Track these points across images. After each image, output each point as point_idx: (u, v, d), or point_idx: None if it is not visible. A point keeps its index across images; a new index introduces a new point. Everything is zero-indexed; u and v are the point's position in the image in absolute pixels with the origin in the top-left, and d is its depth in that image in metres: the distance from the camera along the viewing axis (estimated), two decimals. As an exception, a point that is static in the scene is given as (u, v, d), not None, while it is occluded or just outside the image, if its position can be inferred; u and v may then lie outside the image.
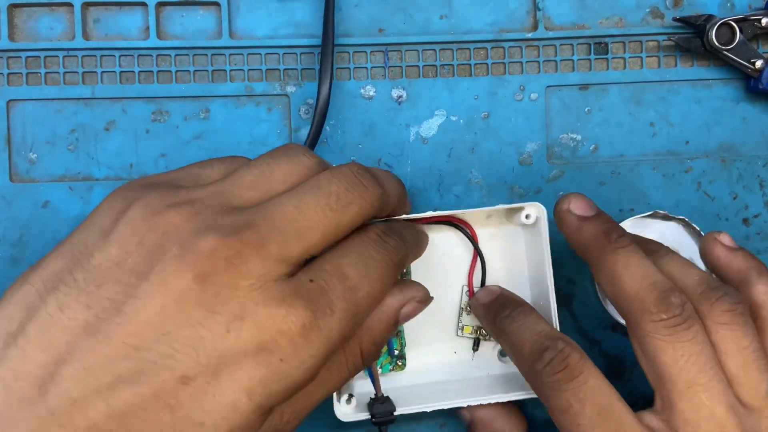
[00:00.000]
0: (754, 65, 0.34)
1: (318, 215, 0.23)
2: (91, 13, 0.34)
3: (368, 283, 0.24)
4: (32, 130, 0.34)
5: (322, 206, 0.23)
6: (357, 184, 0.25)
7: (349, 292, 0.23)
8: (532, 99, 0.35)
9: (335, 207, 0.24)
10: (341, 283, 0.23)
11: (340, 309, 0.23)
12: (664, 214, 0.34)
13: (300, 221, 0.23)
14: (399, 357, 0.32)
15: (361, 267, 0.24)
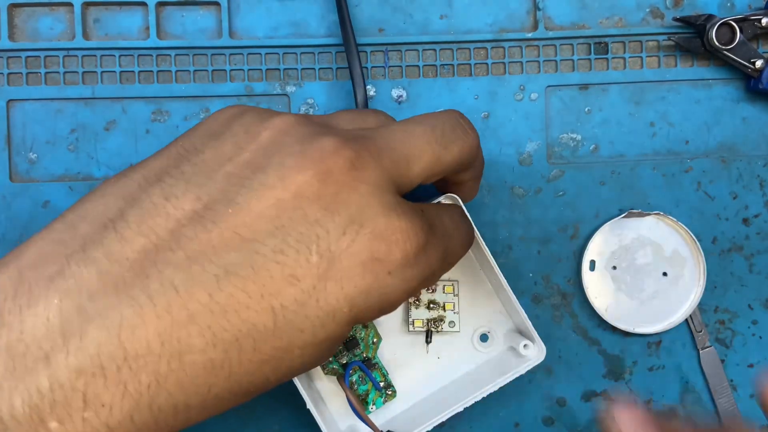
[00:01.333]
0: (754, 65, 0.34)
1: (423, 144, 0.23)
2: (91, 13, 0.34)
3: (458, 238, 0.25)
4: (32, 130, 0.34)
5: (427, 137, 0.23)
6: (459, 126, 0.25)
7: (446, 236, 0.24)
8: (532, 99, 0.35)
9: (440, 140, 0.24)
10: (442, 225, 0.24)
11: (442, 245, 0.23)
12: (638, 212, 0.34)
13: (408, 146, 0.23)
14: (387, 387, 0.32)
15: (454, 223, 0.25)
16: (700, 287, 0.34)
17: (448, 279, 0.32)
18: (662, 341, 0.35)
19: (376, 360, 0.32)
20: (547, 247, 0.35)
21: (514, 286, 0.35)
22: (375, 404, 0.32)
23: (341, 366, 0.31)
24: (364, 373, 0.32)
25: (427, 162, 0.23)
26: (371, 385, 0.32)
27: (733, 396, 0.35)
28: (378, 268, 0.21)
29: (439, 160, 0.24)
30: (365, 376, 0.32)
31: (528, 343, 0.31)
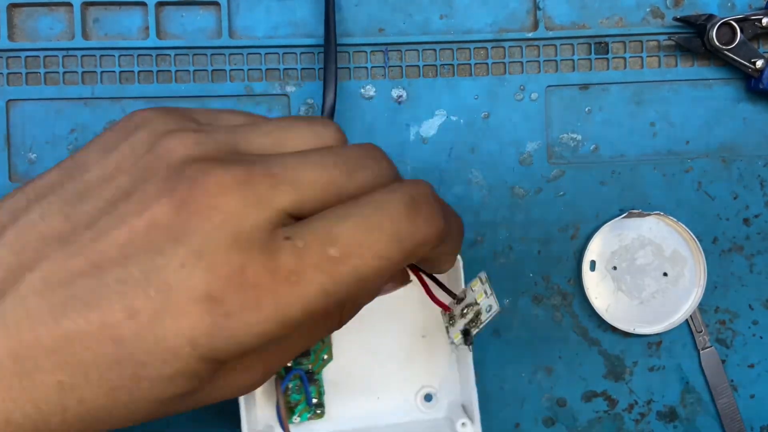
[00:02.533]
0: (754, 65, 0.34)
1: (319, 168, 0.21)
2: (90, 13, 0.34)
3: (360, 258, 0.20)
4: (32, 130, 0.34)
5: (327, 162, 0.21)
6: (371, 157, 0.22)
7: (330, 263, 0.20)
8: (533, 99, 0.35)
9: (342, 167, 0.21)
10: (322, 250, 0.20)
11: (310, 282, 0.20)
12: (638, 213, 0.34)
13: (298, 171, 0.21)
14: (318, 405, 0.32)
15: (358, 236, 0.20)
16: (700, 287, 0.34)
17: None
18: (662, 341, 0.35)
19: (319, 377, 0.32)
20: (547, 247, 0.35)
21: (514, 286, 0.35)
22: (300, 417, 0.31)
23: (285, 368, 0.31)
24: (302, 384, 0.31)
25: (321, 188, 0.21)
26: (304, 397, 0.31)
27: (734, 396, 0.35)
28: (214, 309, 0.19)
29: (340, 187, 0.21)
30: (302, 387, 0.31)
31: (467, 422, 0.30)
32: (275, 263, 0.19)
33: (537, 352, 0.35)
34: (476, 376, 0.31)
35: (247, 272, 0.19)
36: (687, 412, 0.35)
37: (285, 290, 0.19)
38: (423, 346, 0.33)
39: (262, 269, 0.19)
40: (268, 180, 0.20)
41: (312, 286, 0.20)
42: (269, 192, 0.20)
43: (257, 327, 0.19)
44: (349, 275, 0.20)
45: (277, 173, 0.20)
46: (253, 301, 0.19)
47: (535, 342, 0.35)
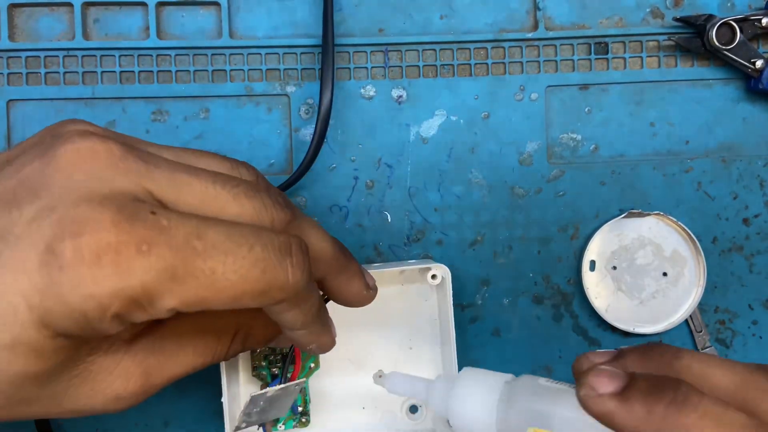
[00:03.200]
0: (754, 65, 0.34)
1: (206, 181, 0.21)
2: (91, 13, 0.34)
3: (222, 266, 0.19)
4: (32, 130, 0.34)
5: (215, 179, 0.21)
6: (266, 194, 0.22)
7: (189, 251, 0.19)
8: (533, 99, 0.35)
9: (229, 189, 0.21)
10: (186, 237, 0.19)
11: (160, 257, 0.19)
12: (638, 212, 0.34)
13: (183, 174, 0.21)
14: (303, 414, 0.32)
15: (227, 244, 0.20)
16: (700, 287, 0.34)
17: None
18: (662, 341, 0.35)
19: (305, 385, 0.32)
20: (547, 247, 0.35)
21: (514, 287, 0.35)
22: (285, 425, 0.31)
23: (270, 375, 0.31)
24: None
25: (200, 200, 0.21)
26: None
27: (733, 396, 0.35)
28: (50, 263, 0.18)
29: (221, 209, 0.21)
30: None
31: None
32: (130, 227, 0.18)
33: (537, 352, 0.35)
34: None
35: (94, 226, 0.18)
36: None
37: (131, 255, 0.18)
38: (410, 358, 0.33)
39: (111, 226, 0.18)
40: (147, 163, 0.20)
41: (162, 262, 0.19)
42: (143, 172, 0.20)
43: (93, 288, 0.18)
44: (203, 273, 0.19)
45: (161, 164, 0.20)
46: (92, 258, 0.18)
47: (535, 342, 0.35)
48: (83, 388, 0.22)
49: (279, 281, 0.20)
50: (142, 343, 0.23)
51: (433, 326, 0.32)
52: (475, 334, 0.35)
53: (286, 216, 0.22)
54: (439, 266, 0.31)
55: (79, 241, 0.18)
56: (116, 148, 0.20)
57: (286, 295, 0.21)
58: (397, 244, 0.34)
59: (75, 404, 0.22)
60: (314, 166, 0.34)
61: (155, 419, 0.34)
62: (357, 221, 0.34)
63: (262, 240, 0.20)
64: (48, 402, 0.21)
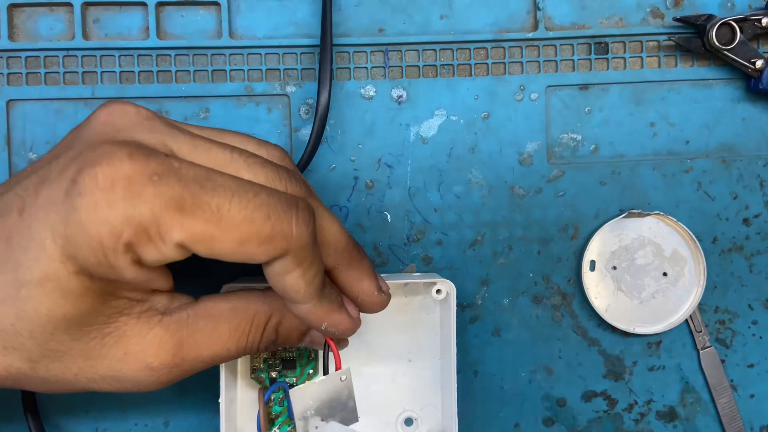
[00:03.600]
0: (754, 65, 0.34)
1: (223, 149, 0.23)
2: (90, 13, 0.34)
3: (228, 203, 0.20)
4: (32, 130, 0.34)
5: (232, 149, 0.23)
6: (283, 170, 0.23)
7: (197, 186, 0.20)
8: (533, 99, 0.35)
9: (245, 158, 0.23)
10: (195, 175, 0.20)
11: (169, 186, 0.20)
12: (638, 212, 0.34)
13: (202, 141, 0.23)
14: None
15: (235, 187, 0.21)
16: (700, 287, 0.34)
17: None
18: (662, 341, 0.35)
19: None
20: (547, 247, 0.35)
21: (514, 286, 0.35)
22: (280, 429, 0.31)
23: (269, 379, 0.31)
24: (285, 396, 0.31)
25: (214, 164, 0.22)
26: (286, 410, 0.31)
27: (733, 396, 0.35)
28: (72, 192, 0.20)
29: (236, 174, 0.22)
30: (285, 400, 0.31)
31: None
32: (144, 160, 0.20)
33: (537, 352, 0.35)
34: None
35: (110, 157, 0.20)
36: (687, 412, 0.35)
37: (142, 183, 0.20)
38: (408, 370, 0.33)
39: (127, 159, 0.20)
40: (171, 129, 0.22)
41: (170, 191, 0.20)
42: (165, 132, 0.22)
43: (106, 213, 0.19)
44: (209, 208, 0.20)
45: (183, 130, 0.23)
46: (106, 184, 0.19)
47: (535, 342, 0.35)
48: (116, 349, 0.23)
49: (283, 229, 0.21)
50: (175, 316, 0.24)
51: (434, 340, 0.32)
52: (475, 334, 0.35)
53: (299, 190, 0.23)
54: (444, 282, 0.31)
55: (96, 169, 0.20)
56: (145, 111, 0.23)
57: (289, 245, 0.21)
58: (397, 244, 0.34)
59: (108, 368, 0.23)
60: (314, 166, 0.34)
61: (155, 419, 0.34)
62: (357, 221, 0.34)
63: (268, 189, 0.21)
64: (81, 360, 0.22)
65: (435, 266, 0.35)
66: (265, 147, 0.25)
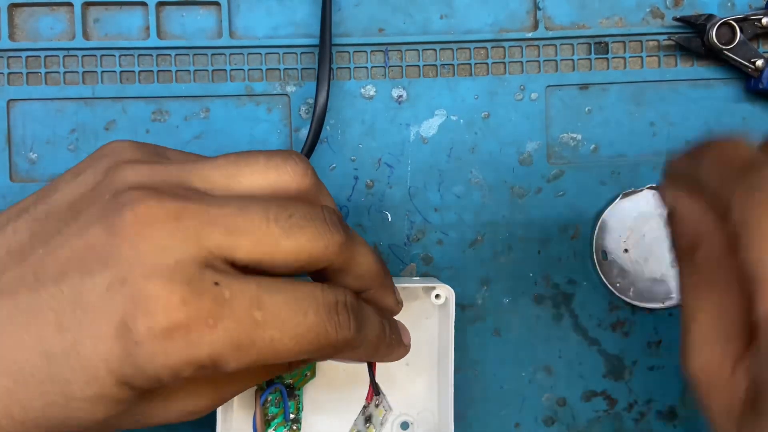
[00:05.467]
0: (754, 65, 0.34)
1: (258, 221, 0.21)
2: (91, 13, 0.34)
3: (279, 331, 0.21)
4: (32, 130, 0.34)
5: (267, 215, 0.22)
6: (319, 219, 0.22)
7: (251, 323, 0.21)
8: (533, 99, 0.35)
9: (282, 223, 0.22)
10: (248, 309, 0.21)
11: (226, 330, 0.20)
12: (631, 191, 0.34)
13: (235, 216, 0.21)
14: (295, 421, 0.32)
15: (284, 312, 0.21)
16: None
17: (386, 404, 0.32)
18: (662, 341, 0.35)
19: (299, 392, 0.32)
20: (547, 247, 0.35)
21: (514, 286, 0.35)
22: (275, 431, 0.31)
23: (267, 381, 0.31)
24: (281, 398, 0.31)
25: (256, 240, 0.21)
26: (282, 412, 0.31)
27: (734, 396, 0.35)
28: (126, 336, 0.20)
29: (276, 245, 0.21)
30: (281, 401, 0.31)
31: None
32: (197, 303, 0.20)
33: (537, 352, 0.35)
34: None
35: (161, 304, 0.20)
36: (687, 412, 0.35)
37: (199, 330, 0.20)
38: (406, 374, 0.32)
39: (181, 305, 0.20)
40: (201, 218, 0.21)
41: (227, 335, 0.20)
42: (199, 230, 0.21)
43: (165, 360, 0.20)
44: (263, 341, 0.21)
45: (213, 214, 0.21)
46: (164, 335, 0.20)
47: (535, 342, 0.35)
48: (157, 409, 0.23)
49: (330, 340, 0.22)
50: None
51: (432, 344, 0.32)
52: (475, 334, 0.35)
53: (339, 239, 0.23)
54: (443, 287, 0.31)
55: (152, 319, 0.20)
56: (171, 208, 0.21)
57: (337, 350, 0.23)
58: (397, 244, 0.34)
59: (149, 419, 0.24)
60: (314, 166, 0.34)
61: (155, 419, 0.34)
62: (357, 221, 0.34)
63: (315, 304, 0.22)
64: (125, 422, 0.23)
65: (435, 266, 0.35)
66: (285, 165, 0.24)
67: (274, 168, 0.24)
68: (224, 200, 0.22)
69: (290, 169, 0.24)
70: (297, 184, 0.24)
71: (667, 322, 0.35)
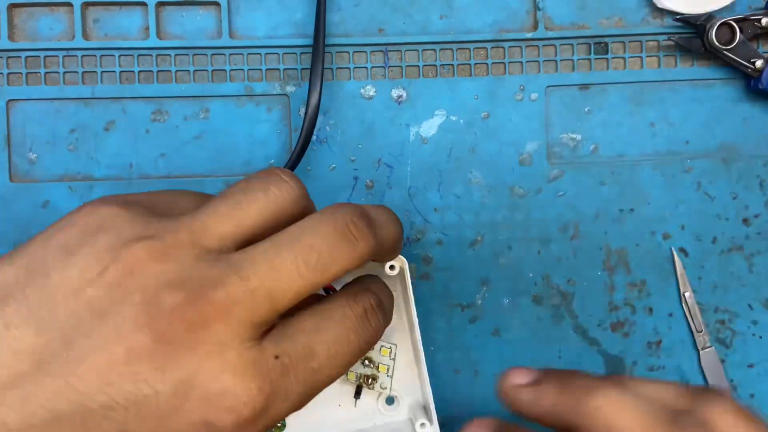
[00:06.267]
0: (754, 65, 0.34)
1: (293, 276, 0.21)
2: (90, 13, 0.34)
3: (333, 368, 0.23)
4: (32, 130, 0.34)
5: (299, 266, 0.21)
6: (344, 241, 0.22)
7: (311, 374, 0.22)
8: (532, 99, 0.35)
9: (314, 267, 0.22)
10: (306, 364, 0.22)
11: (297, 394, 0.22)
12: None
13: (273, 283, 0.21)
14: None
15: (333, 349, 0.23)
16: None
17: (387, 342, 0.32)
18: (662, 341, 0.35)
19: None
20: (547, 247, 0.35)
21: (514, 286, 0.35)
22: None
23: None
24: None
25: (297, 294, 0.22)
26: None
27: (733, 396, 0.35)
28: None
29: (315, 286, 0.22)
30: None
31: (426, 423, 0.30)
32: (270, 386, 0.21)
33: (537, 353, 0.35)
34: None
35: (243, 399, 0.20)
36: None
37: (277, 406, 0.21)
38: (387, 352, 0.32)
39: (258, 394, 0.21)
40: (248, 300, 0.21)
41: (298, 398, 0.22)
42: (250, 313, 0.21)
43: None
44: (323, 382, 0.23)
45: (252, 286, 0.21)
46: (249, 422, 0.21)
47: (535, 342, 0.35)
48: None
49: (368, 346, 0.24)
50: None
51: (401, 317, 0.32)
52: (475, 334, 0.35)
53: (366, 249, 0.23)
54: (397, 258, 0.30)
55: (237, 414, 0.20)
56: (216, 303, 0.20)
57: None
58: (397, 244, 0.34)
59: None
60: (314, 166, 0.34)
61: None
62: (357, 221, 0.34)
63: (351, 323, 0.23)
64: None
65: (435, 266, 0.35)
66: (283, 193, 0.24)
67: (274, 201, 0.23)
68: (249, 263, 0.21)
69: (287, 196, 0.24)
70: (300, 208, 0.24)
71: (667, 322, 0.35)
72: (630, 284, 0.35)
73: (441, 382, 0.34)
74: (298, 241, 0.22)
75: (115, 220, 0.22)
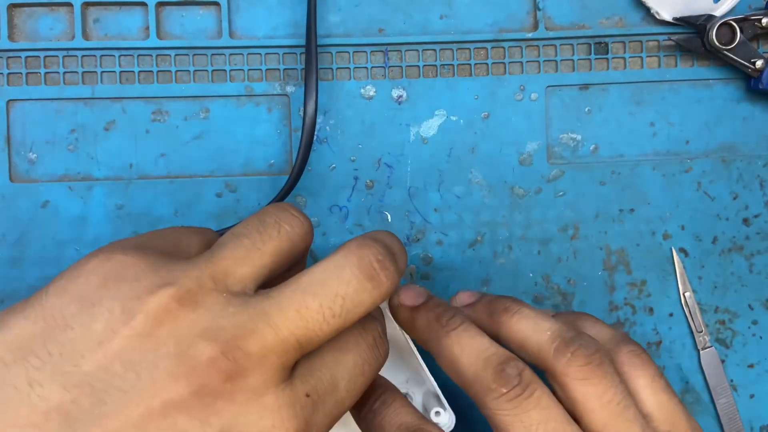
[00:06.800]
0: (754, 65, 0.34)
1: (321, 325, 0.22)
2: (90, 13, 0.34)
3: (353, 398, 0.24)
4: (32, 130, 0.34)
5: (324, 313, 0.22)
6: (369, 281, 0.23)
7: (335, 406, 0.23)
8: (532, 99, 0.35)
9: (339, 314, 0.22)
10: (331, 398, 0.23)
11: (324, 425, 0.23)
12: None
13: (302, 332, 0.22)
14: None
15: (352, 377, 0.24)
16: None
17: None
18: (662, 341, 0.35)
19: None
20: (547, 247, 0.35)
21: (514, 287, 0.35)
22: None
23: None
24: None
25: (324, 338, 0.22)
26: None
27: (733, 396, 0.35)
28: None
29: (339, 330, 0.23)
30: None
31: (440, 411, 0.30)
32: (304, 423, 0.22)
33: (537, 352, 0.35)
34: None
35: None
36: (687, 412, 0.35)
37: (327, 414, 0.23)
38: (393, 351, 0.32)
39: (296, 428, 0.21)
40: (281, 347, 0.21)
41: (324, 429, 0.23)
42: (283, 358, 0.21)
43: None
44: (344, 412, 0.24)
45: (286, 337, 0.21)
46: None
47: (535, 342, 0.35)
48: None
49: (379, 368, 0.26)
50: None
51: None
52: (475, 334, 0.35)
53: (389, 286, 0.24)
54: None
55: None
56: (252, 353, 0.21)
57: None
58: (397, 244, 0.34)
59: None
60: (314, 166, 0.34)
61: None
62: (357, 221, 0.34)
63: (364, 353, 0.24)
64: None
65: (435, 266, 0.35)
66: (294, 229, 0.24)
67: (287, 239, 0.24)
68: (277, 310, 0.22)
69: (299, 231, 0.24)
70: (309, 243, 0.25)
71: (667, 322, 0.35)
72: (630, 284, 0.35)
73: (441, 382, 0.34)
74: (323, 287, 0.22)
75: (134, 268, 0.21)
